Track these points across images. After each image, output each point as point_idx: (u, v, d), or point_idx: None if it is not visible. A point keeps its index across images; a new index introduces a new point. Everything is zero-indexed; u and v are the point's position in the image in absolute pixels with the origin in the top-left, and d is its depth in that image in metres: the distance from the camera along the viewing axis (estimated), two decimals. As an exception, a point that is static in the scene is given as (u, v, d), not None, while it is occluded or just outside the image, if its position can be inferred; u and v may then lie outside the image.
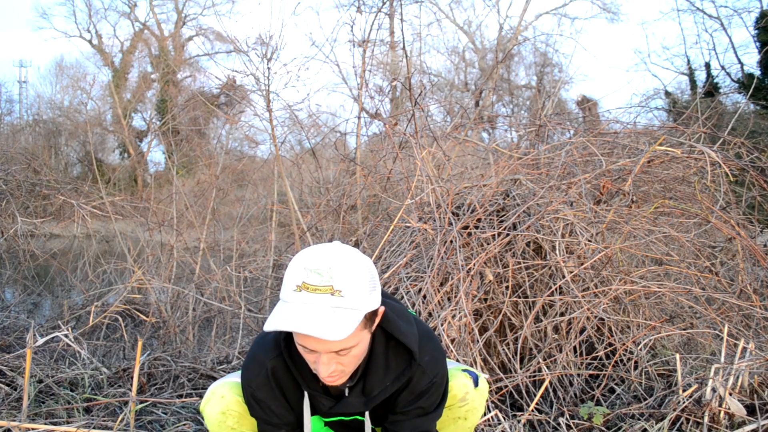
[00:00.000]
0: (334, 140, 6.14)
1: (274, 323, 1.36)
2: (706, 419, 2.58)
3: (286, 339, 1.58)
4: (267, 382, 1.61)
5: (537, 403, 2.85)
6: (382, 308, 1.52)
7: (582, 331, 3.19)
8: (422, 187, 3.73)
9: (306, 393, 1.63)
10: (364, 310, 1.40)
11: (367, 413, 1.68)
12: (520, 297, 3.23)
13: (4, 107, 27.04)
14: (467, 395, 1.75)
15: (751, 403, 2.69)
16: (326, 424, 1.78)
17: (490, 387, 2.92)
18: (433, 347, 1.65)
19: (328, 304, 1.36)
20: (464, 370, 1.80)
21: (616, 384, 3.09)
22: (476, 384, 1.78)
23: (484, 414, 2.72)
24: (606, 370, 3.03)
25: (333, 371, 1.45)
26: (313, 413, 1.71)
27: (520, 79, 26.20)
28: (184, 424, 2.83)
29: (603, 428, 2.70)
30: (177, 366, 3.53)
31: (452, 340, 2.93)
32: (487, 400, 1.85)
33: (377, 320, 1.52)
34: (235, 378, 1.78)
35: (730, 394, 2.65)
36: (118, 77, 27.54)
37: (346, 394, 1.63)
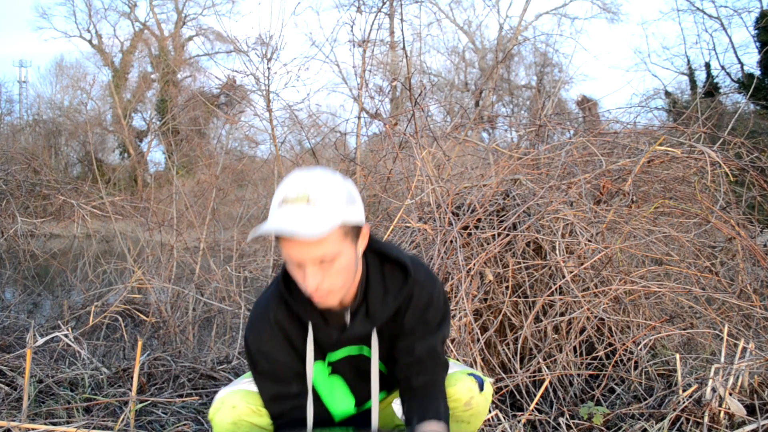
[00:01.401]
0: (334, 140, 6.15)
1: (254, 233, 1.44)
2: (706, 419, 2.58)
3: (284, 280, 1.63)
4: (272, 333, 1.64)
5: (537, 403, 2.85)
6: (368, 226, 1.58)
7: (582, 331, 3.19)
8: (422, 187, 3.73)
9: (310, 326, 1.63)
10: (339, 217, 1.46)
11: (374, 331, 1.66)
12: (520, 297, 3.23)
13: (4, 107, 27.06)
14: (472, 400, 1.73)
15: (751, 403, 2.69)
16: (332, 370, 1.73)
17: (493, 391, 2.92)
18: (425, 268, 1.71)
19: (304, 211, 1.44)
20: (470, 374, 1.77)
21: (616, 384, 3.09)
22: (481, 388, 1.75)
23: (484, 414, 2.72)
24: (606, 370, 3.03)
25: (321, 285, 1.48)
26: (319, 356, 1.68)
27: (520, 79, 26.22)
28: (184, 424, 2.83)
29: (603, 428, 2.70)
30: (177, 366, 3.53)
31: (452, 340, 2.93)
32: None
33: (363, 239, 1.57)
34: (246, 385, 1.75)
35: (730, 394, 2.65)
36: (118, 77, 27.54)
37: (348, 322, 1.64)
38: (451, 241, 3.19)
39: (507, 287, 3.19)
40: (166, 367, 3.54)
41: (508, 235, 3.22)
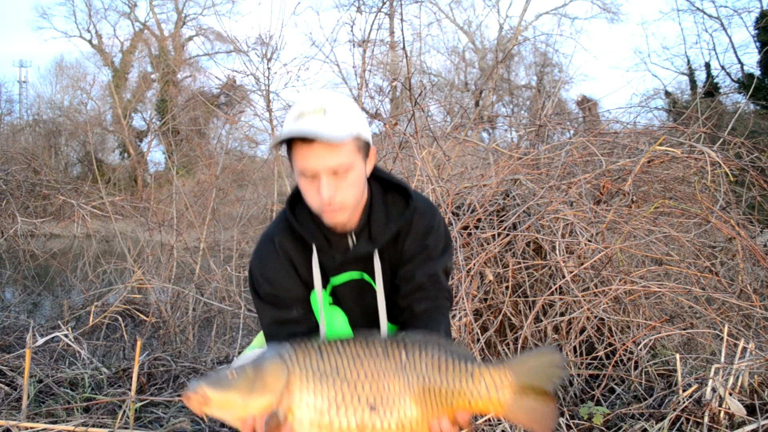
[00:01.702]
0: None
1: (275, 140, 1.55)
2: (706, 419, 2.58)
3: (290, 208, 1.69)
4: (276, 256, 1.68)
5: (537, 403, 2.84)
6: (374, 149, 1.65)
7: (582, 331, 3.19)
8: (422, 187, 3.73)
9: (314, 249, 1.67)
10: (355, 128, 1.54)
11: (376, 252, 1.68)
12: (520, 297, 3.23)
13: (4, 107, 27.05)
14: None
15: (751, 403, 2.69)
16: (333, 300, 1.74)
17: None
18: (426, 198, 1.78)
19: (322, 120, 1.51)
20: None
21: (616, 384, 3.09)
22: None
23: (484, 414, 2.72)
24: (606, 370, 3.03)
25: (334, 197, 1.54)
26: (322, 283, 1.69)
27: (520, 79, 26.21)
28: (182, 421, 2.83)
29: (603, 428, 2.70)
30: (177, 366, 3.53)
31: (452, 340, 2.93)
32: None
33: (371, 160, 1.65)
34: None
35: (730, 394, 2.65)
36: (118, 77, 27.53)
37: (351, 247, 1.67)
38: (451, 241, 3.19)
39: (507, 287, 3.19)
40: (166, 367, 3.54)
41: (508, 235, 3.22)
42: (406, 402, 1.45)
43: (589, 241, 3.26)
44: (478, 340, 2.99)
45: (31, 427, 2.57)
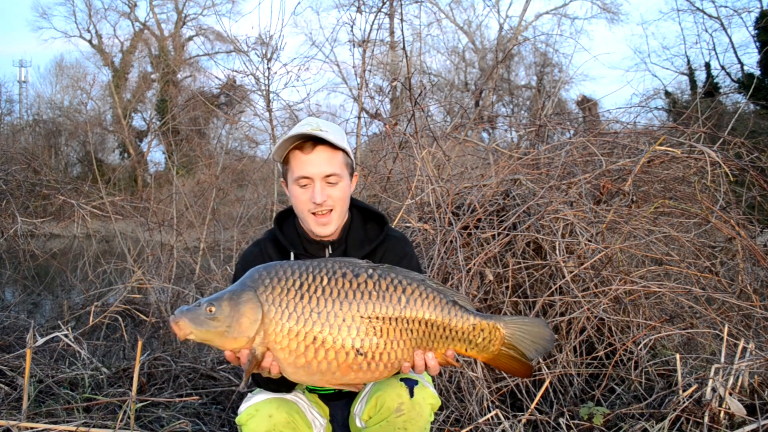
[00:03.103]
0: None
1: (283, 137, 1.80)
2: (706, 419, 2.58)
3: (277, 223, 1.95)
4: (260, 253, 1.91)
5: (537, 403, 2.85)
6: (356, 175, 1.94)
7: (582, 331, 3.19)
8: (422, 187, 3.73)
9: (292, 255, 1.87)
10: (344, 145, 1.82)
11: None
12: (520, 297, 3.23)
13: (4, 107, 27.02)
14: (402, 405, 1.68)
15: (751, 403, 2.69)
16: None
17: (491, 385, 2.91)
18: (400, 231, 2.04)
19: (319, 132, 1.77)
20: (403, 379, 1.71)
21: (616, 384, 3.09)
22: (412, 394, 1.69)
23: (484, 413, 2.72)
24: (606, 370, 3.03)
25: (326, 202, 1.77)
26: None
27: (520, 79, 26.20)
28: (182, 422, 2.83)
29: (603, 428, 2.70)
30: (177, 366, 3.53)
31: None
32: (432, 409, 1.75)
33: (354, 182, 1.91)
34: (282, 395, 1.80)
35: (730, 394, 2.65)
36: (118, 77, 27.52)
37: (327, 255, 1.87)
38: (451, 241, 3.19)
39: (507, 287, 3.19)
40: (166, 367, 3.54)
41: (508, 235, 3.22)
42: (399, 346, 1.49)
43: (589, 241, 3.26)
44: (478, 340, 2.99)
45: (32, 428, 2.57)
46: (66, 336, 3.50)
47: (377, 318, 1.49)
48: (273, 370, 1.52)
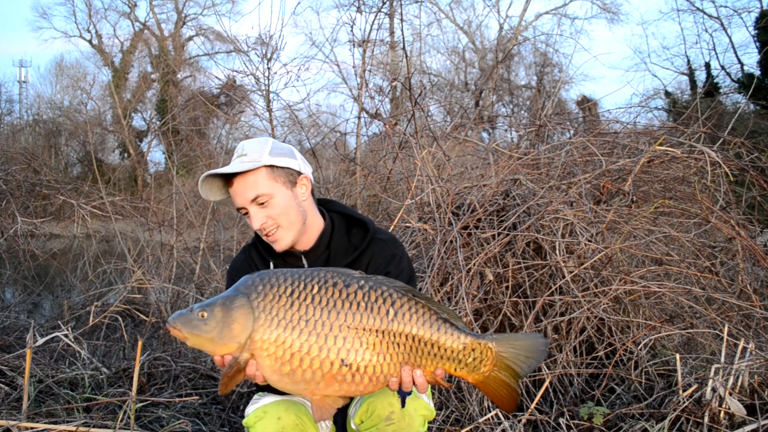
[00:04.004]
0: (334, 140, 6.14)
1: (202, 177, 1.84)
2: (706, 419, 2.58)
3: (257, 234, 1.94)
4: (246, 261, 1.97)
5: (537, 403, 2.85)
6: (307, 177, 1.89)
7: (582, 331, 3.19)
8: (422, 187, 3.73)
9: (272, 265, 1.92)
10: (263, 161, 1.79)
11: None
12: (520, 297, 3.23)
13: (4, 107, 27.00)
14: (392, 415, 1.68)
15: (751, 403, 2.69)
16: None
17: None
18: (390, 233, 2.00)
19: (238, 161, 1.81)
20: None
21: (616, 384, 3.09)
22: (403, 404, 1.69)
23: (484, 413, 2.72)
24: (606, 370, 3.03)
25: (265, 224, 1.80)
26: None
27: (520, 79, 26.19)
28: (182, 422, 2.83)
29: (603, 428, 2.70)
30: (177, 366, 3.53)
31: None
32: (425, 419, 1.74)
33: (303, 187, 1.87)
34: (289, 396, 1.79)
35: (730, 394, 2.65)
36: (118, 77, 27.51)
37: (305, 266, 1.89)
38: (451, 241, 3.19)
39: (507, 287, 3.19)
40: (166, 367, 3.54)
41: (508, 235, 3.22)
42: (386, 360, 1.46)
43: (589, 241, 3.26)
44: (478, 340, 2.99)
45: (32, 428, 2.57)
46: (66, 336, 3.50)
47: (364, 329, 1.47)
48: (258, 378, 1.51)
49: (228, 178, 1.84)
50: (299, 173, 1.87)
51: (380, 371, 1.47)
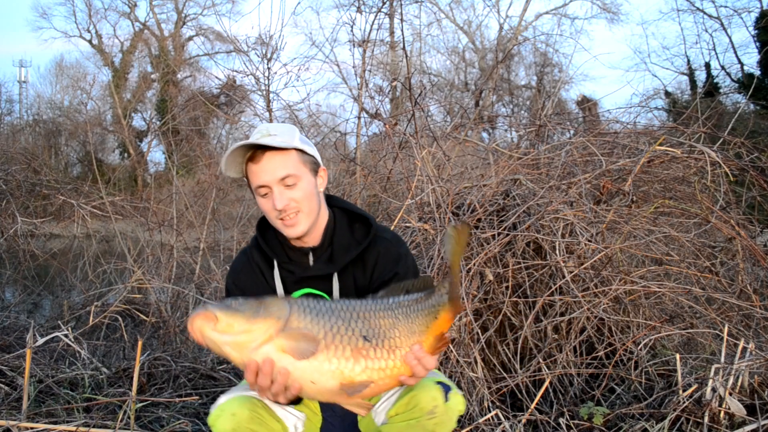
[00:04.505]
0: (334, 140, 6.14)
1: (230, 149, 1.78)
2: (706, 419, 2.58)
3: (259, 230, 1.93)
4: (249, 267, 1.93)
5: (537, 403, 2.85)
6: (325, 170, 1.89)
7: (582, 331, 3.19)
8: (422, 187, 3.73)
9: (276, 263, 1.89)
10: (295, 143, 1.78)
11: (335, 275, 1.86)
12: (520, 297, 3.23)
13: (4, 107, 27.02)
14: (436, 408, 1.70)
15: (751, 403, 2.69)
16: None
17: (488, 389, 2.92)
18: (391, 230, 1.99)
19: (266, 138, 1.76)
20: (438, 382, 1.74)
21: (616, 384, 3.09)
22: (446, 398, 1.71)
23: (484, 413, 2.73)
24: (606, 370, 3.03)
25: (288, 206, 1.76)
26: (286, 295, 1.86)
27: (520, 79, 26.21)
28: (182, 422, 2.83)
29: (603, 428, 2.70)
30: (177, 366, 3.53)
31: (452, 340, 2.93)
32: (459, 414, 1.76)
33: (322, 178, 1.87)
34: (243, 391, 1.78)
35: (730, 394, 2.65)
36: (118, 77, 27.53)
37: (310, 264, 1.87)
38: (451, 241, 3.19)
39: (507, 287, 3.19)
40: (166, 367, 3.54)
41: (508, 235, 3.22)
42: (395, 333, 1.62)
43: (589, 241, 3.26)
44: (478, 340, 2.99)
45: (32, 428, 2.58)
46: (66, 336, 3.50)
47: (374, 314, 1.63)
48: (279, 378, 1.49)
49: (253, 155, 1.78)
50: (319, 165, 1.88)
51: (394, 344, 1.60)
